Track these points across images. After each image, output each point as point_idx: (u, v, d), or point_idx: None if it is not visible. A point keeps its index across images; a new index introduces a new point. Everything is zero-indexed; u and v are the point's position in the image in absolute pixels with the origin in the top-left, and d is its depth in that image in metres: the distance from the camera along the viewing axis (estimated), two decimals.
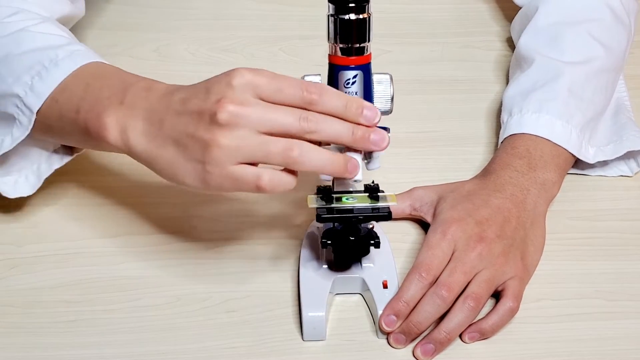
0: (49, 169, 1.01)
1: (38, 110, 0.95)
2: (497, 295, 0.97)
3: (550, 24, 1.17)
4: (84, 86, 0.94)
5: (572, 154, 1.06)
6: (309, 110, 0.86)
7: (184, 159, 0.87)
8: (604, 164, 1.11)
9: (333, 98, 0.86)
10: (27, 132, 0.96)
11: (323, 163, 0.86)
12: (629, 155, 1.11)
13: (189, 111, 0.87)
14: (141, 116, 0.90)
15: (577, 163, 1.10)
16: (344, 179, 0.90)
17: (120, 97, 0.91)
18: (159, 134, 0.88)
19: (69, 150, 1.02)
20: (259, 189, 0.85)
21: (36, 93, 0.95)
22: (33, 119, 0.95)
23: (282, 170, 0.87)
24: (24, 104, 0.95)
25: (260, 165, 0.86)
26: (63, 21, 1.09)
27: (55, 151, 1.02)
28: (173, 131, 0.87)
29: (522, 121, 1.07)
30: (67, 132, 0.96)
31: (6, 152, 0.98)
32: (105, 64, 0.97)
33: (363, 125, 0.87)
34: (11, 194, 1.01)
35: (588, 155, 1.08)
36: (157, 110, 0.89)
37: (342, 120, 0.86)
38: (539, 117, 1.07)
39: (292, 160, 0.84)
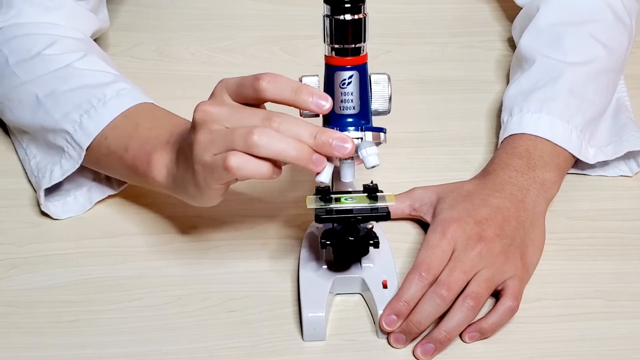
0: (101, 193, 1.05)
1: (87, 147, 0.99)
2: (496, 295, 0.97)
3: (552, 25, 1.16)
4: (134, 126, 0.99)
5: (572, 155, 1.07)
6: (260, 97, 0.86)
7: (186, 168, 0.90)
8: (604, 164, 1.11)
9: (282, 83, 0.86)
10: (77, 166, 1.00)
11: (285, 148, 0.85)
12: (629, 156, 1.11)
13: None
14: (177, 151, 0.94)
15: (577, 163, 1.10)
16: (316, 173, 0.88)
17: (167, 137, 0.96)
18: (179, 158, 0.92)
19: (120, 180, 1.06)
20: (227, 169, 0.85)
21: (85, 131, 0.99)
22: (83, 155, 1.00)
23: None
24: (74, 140, 1.00)
25: None
26: (92, 36, 1.12)
27: (107, 178, 1.06)
28: (182, 149, 0.91)
29: (522, 121, 1.07)
30: (114, 167, 1.00)
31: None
32: (154, 105, 1.02)
33: (314, 110, 0.86)
34: (60, 215, 1.05)
35: (588, 155, 1.08)
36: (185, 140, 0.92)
37: (305, 124, 0.86)
38: (539, 118, 1.07)
39: (253, 143, 0.85)
